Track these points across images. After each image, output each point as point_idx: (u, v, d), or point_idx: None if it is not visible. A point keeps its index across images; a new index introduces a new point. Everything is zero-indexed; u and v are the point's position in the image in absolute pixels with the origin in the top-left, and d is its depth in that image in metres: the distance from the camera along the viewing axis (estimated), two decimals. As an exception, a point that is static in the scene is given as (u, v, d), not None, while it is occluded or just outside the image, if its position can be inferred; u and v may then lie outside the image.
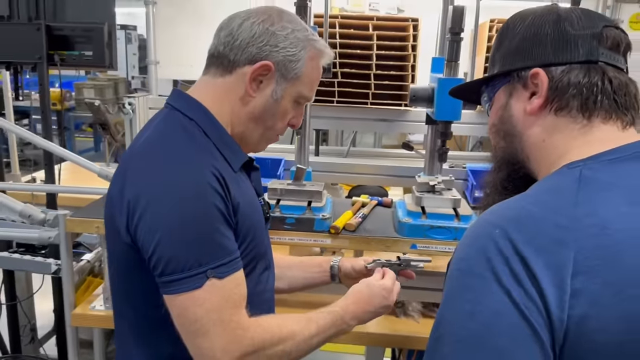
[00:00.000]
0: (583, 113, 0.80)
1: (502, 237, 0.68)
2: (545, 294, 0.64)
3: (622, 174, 0.72)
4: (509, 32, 0.88)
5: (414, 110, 1.94)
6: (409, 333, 1.69)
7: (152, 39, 2.30)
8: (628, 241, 0.65)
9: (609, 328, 0.63)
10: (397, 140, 6.09)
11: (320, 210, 1.65)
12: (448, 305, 0.72)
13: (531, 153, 0.86)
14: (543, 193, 0.75)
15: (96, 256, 2.01)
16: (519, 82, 0.86)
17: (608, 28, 0.81)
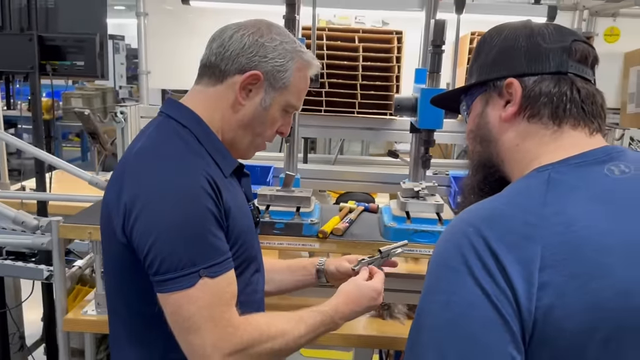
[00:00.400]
0: (554, 120, 0.85)
1: (475, 234, 0.73)
2: (515, 287, 0.69)
3: (586, 177, 0.78)
4: (486, 45, 0.94)
5: (398, 119, 2.01)
6: (396, 334, 1.75)
7: (143, 50, 2.35)
8: (591, 237, 0.71)
9: (574, 317, 0.68)
10: (384, 149, 6.18)
11: (309, 216, 1.70)
12: (426, 297, 0.77)
13: (505, 157, 0.91)
14: (514, 194, 0.80)
15: (87, 262, 2.04)
16: (494, 91, 0.91)
17: (577, 42, 0.87)
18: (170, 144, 1.06)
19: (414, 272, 1.93)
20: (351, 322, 1.76)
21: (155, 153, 1.04)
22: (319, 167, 2.15)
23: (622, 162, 0.80)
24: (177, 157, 1.03)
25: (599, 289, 0.68)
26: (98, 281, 1.81)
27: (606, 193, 0.76)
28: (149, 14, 2.33)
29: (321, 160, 2.45)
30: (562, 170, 0.79)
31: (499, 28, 0.95)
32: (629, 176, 0.77)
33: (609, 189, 0.76)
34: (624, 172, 0.78)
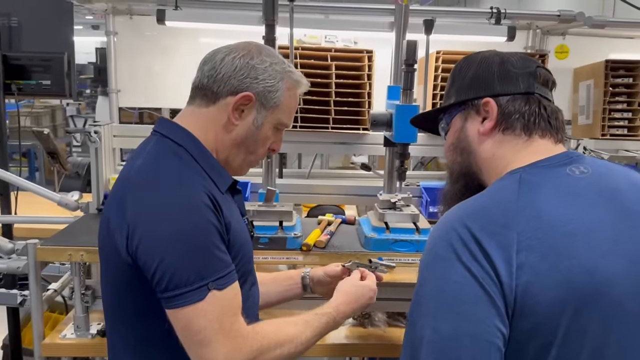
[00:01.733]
0: (525, 132, 0.99)
1: (461, 226, 0.86)
2: (497, 268, 0.81)
3: (551, 176, 0.92)
4: (462, 71, 1.08)
5: (371, 133, 2.08)
6: (377, 342, 1.81)
7: (112, 68, 2.34)
8: (558, 224, 0.84)
9: (548, 292, 0.81)
10: (342, 163, 6.30)
11: (292, 229, 1.75)
12: (422, 283, 0.89)
13: (483, 165, 1.04)
14: (492, 193, 0.94)
15: (63, 285, 2.00)
16: (472, 109, 1.05)
17: (540, 68, 1.03)
18: (169, 161, 1.08)
19: (393, 281, 2.01)
20: (335, 331, 1.83)
21: (155, 171, 1.06)
22: (295, 182, 2.20)
23: (581, 164, 0.95)
24: (177, 174, 1.06)
25: (567, 267, 0.82)
26: (77, 303, 1.79)
27: (568, 189, 0.90)
28: (118, 33, 2.32)
29: (295, 174, 2.50)
30: (531, 172, 0.93)
31: (472, 57, 1.09)
32: (587, 175, 0.92)
33: (570, 186, 0.90)
34: (584, 172, 0.93)
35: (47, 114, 7.03)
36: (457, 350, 0.81)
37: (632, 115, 2.29)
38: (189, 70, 2.35)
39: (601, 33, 2.43)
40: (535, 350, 0.82)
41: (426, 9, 2.18)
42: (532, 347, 0.82)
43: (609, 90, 2.27)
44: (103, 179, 2.12)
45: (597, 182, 0.92)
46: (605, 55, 2.42)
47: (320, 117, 2.05)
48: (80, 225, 1.97)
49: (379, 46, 2.09)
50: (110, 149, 2.15)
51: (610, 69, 2.26)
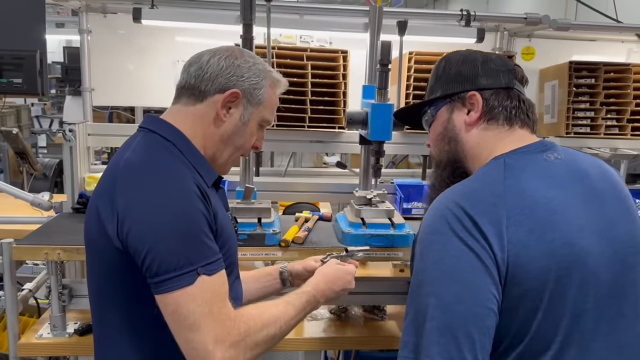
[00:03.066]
0: (507, 123, 1.12)
1: (455, 206, 0.96)
2: (491, 242, 0.92)
3: (530, 161, 1.04)
4: (446, 67, 1.20)
5: (347, 132, 2.13)
6: (355, 335, 1.86)
7: (86, 67, 2.32)
8: (540, 202, 0.96)
9: (535, 262, 0.92)
10: (313, 162, 6.35)
11: (270, 226, 1.78)
12: (422, 258, 0.97)
13: (468, 153, 1.15)
14: (481, 176, 1.05)
15: (38, 285, 1.98)
16: (458, 102, 1.16)
17: (517, 67, 1.17)
18: (158, 153, 1.11)
19: (369, 276, 2.06)
20: (312, 325, 1.88)
21: (145, 161, 1.08)
22: (272, 180, 2.22)
23: (555, 151, 1.08)
24: (167, 164, 1.09)
25: (551, 239, 0.94)
26: (54, 302, 1.78)
27: (546, 172, 1.02)
28: (92, 31, 2.31)
29: (271, 173, 2.52)
30: (514, 157, 1.05)
31: (456, 54, 1.21)
32: (561, 161, 1.05)
33: (548, 169, 1.03)
34: (557, 157, 1.06)
35: (12, 114, 6.84)
36: (460, 314, 0.90)
37: (595, 115, 2.40)
38: (164, 69, 2.39)
39: (565, 35, 2.53)
40: (525, 313, 0.93)
41: (399, 10, 2.23)
42: (521, 311, 0.93)
43: (573, 90, 2.36)
44: (78, 178, 2.10)
45: (569, 166, 1.05)
46: (569, 56, 2.52)
47: (297, 116, 2.08)
48: (55, 225, 1.96)
49: (354, 46, 2.14)
50: (85, 147, 2.14)
51: (573, 70, 2.36)
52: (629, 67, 2.39)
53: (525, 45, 2.59)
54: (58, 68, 8.15)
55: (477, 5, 8.18)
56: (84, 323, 1.81)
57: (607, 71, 2.39)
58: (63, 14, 6.31)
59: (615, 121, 2.41)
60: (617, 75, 2.41)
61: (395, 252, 1.78)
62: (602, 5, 3.41)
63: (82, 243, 1.55)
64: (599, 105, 2.39)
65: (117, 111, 4.77)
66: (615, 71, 2.41)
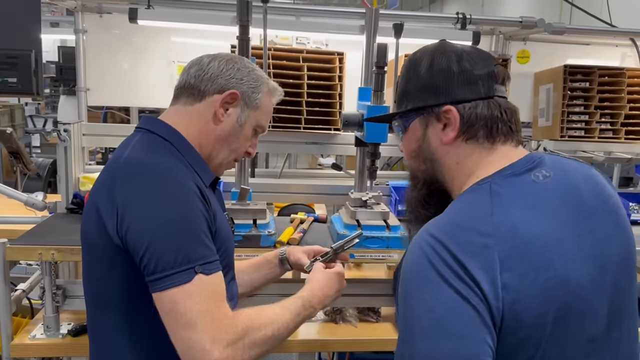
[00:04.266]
0: (488, 139, 0.99)
1: (441, 247, 0.85)
2: (484, 290, 0.82)
3: (517, 185, 0.94)
4: (415, 72, 1.02)
5: (342, 134, 2.13)
6: (349, 337, 1.86)
7: (81, 67, 2.31)
8: (532, 239, 0.87)
9: (531, 308, 0.84)
10: (308, 164, 6.35)
11: (266, 227, 1.78)
12: (409, 304, 0.87)
13: (447, 174, 1.03)
14: (466, 208, 0.93)
15: (31, 285, 1.97)
16: (432, 116, 1.01)
17: (497, 66, 1.01)
18: (157, 151, 1.12)
19: (363, 277, 2.07)
20: (307, 327, 1.88)
21: (145, 159, 1.09)
22: (267, 181, 2.22)
23: (543, 167, 0.96)
24: (167, 163, 1.09)
25: (545, 280, 0.85)
26: (48, 303, 1.77)
27: (535, 200, 0.92)
28: (87, 31, 2.30)
29: (267, 174, 2.52)
30: (499, 182, 0.94)
31: (425, 54, 1.03)
32: (550, 180, 0.95)
33: (536, 195, 0.92)
34: (546, 176, 0.95)
35: (6, 113, 6.82)
36: None
37: (589, 118, 2.41)
38: (159, 70, 2.38)
39: (560, 39, 2.54)
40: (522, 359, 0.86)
41: (395, 13, 2.24)
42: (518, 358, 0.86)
43: (568, 93, 2.38)
44: (72, 178, 2.09)
45: (559, 185, 0.95)
46: (564, 60, 2.53)
47: (292, 117, 2.08)
48: (49, 225, 1.95)
49: (350, 48, 2.14)
50: (80, 147, 2.13)
51: (568, 74, 2.37)
52: (623, 71, 2.40)
53: (520, 49, 2.60)
54: (52, 67, 8.12)
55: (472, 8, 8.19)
56: (77, 324, 1.80)
57: (602, 75, 2.40)
58: (57, 14, 6.29)
59: (609, 125, 2.43)
60: (612, 79, 2.43)
61: (390, 253, 1.78)
62: (596, 9, 3.44)
63: (76, 244, 1.55)
64: (593, 108, 2.40)
65: (111, 111, 4.75)
66: (610, 75, 2.42)
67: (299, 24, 2.16)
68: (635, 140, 2.41)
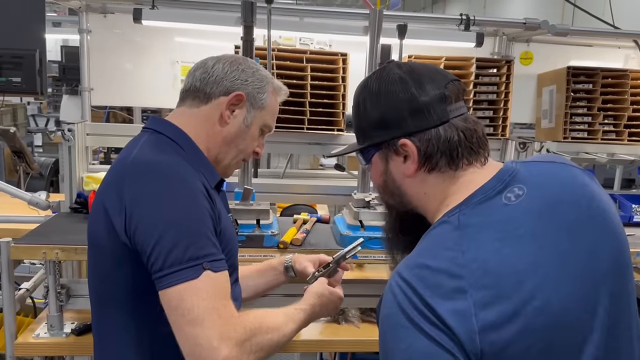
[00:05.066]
0: (450, 167, 0.95)
1: (411, 292, 0.82)
2: (458, 335, 0.79)
3: (487, 212, 0.89)
4: (366, 103, 0.99)
5: (345, 134, 2.13)
6: (352, 337, 1.86)
7: (85, 67, 2.31)
8: (504, 272, 0.82)
9: (512, 344, 0.80)
10: (310, 165, 6.36)
11: (269, 227, 1.78)
12: (388, 356, 0.85)
13: (418, 204, 1.00)
14: (435, 246, 0.89)
15: (35, 285, 1.98)
16: (390, 150, 0.97)
17: (449, 85, 0.95)
18: (165, 151, 1.12)
19: (366, 278, 2.07)
20: (309, 327, 1.87)
21: (153, 158, 1.09)
22: (270, 181, 2.23)
23: (515, 185, 0.91)
24: (174, 162, 1.10)
25: (525, 314, 0.81)
26: (52, 302, 1.77)
27: (506, 226, 0.87)
28: (92, 31, 2.30)
29: (270, 174, 2.53)
30: (467, 212, 0.89)
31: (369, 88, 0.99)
32: (523, 199, 0.89)
33: (508, 221, 0.87)
34: (519, 195, 0.90)
35: (8, 112, 6.82)
36: None
37: (592, 120, 2.41)
38: (163, 70, 2.39)
39: (563, 41, 2.54)
40: None
41: (399, 14, 2.24)
42: None
43: (571, 95, 2.38)
44: (76, 177, 2.10)
45: (534, 203, 0.89)
46: (567, 62, 2.53)
47: (296, 118, 2.08)
48: (52, 224, 1.96)
49: (353, 49, 2.15)
50: (84, 147, 2.14)
51: (571, 75, 2.37)
52: (626, 73, 2.40)
53: (523, 50, 2.60)
54: (54, 67, 8.13)
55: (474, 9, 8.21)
56: (81, 323, 1.81)
57: (605, 77, 2.40)
58: (60, 13, 6.30)
59: (612, 126, 2.43)
60: (615, 81, 2.43)
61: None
62: (598, 11, 3.44)
63: (80, 243, 1.56)
64: (596, 110, 2.40)
65: (114, 111, 4.76)
66: (613, 77, 2.42)
67: (302, 25, 2.17)
68: (638, 142, 2.41)
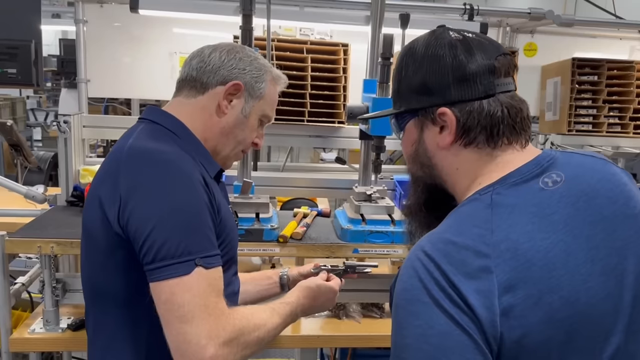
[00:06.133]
0: (488, 143, 0.89)
1: (435, 269, 0.78)
2: (479, 316, 0.74)
3: (523, 194, 0.84)
4: (407, 71, 0.93)
5: (346, 127, 2.10)
6: (352, 333, 1.84)
7: (82, 58, 2.28)
8: (536, 256, 0.78)
9: (534, 333, 0.76)
10: (310, 159, 6.33)
11: (268, 221, 1.75)
12: (401, 332, 0.80)
13: (447, 179, 0.94)
14: (464, 222, 0.84)
15: (30, 279, 1.95)
16: (427, 118, 0.92)
17: (500, 58, 0.89)
18: (161, 140, 1.09)
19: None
20: (310, 323, 1.85)
21: (150, 147, 1.06)
22: (270, 175, 2.19)
23: (553, 171, 0.86)
24: (172, 152, 1.06)
25: (549, 302, 0.77)
26: (47, 297, 1.74)
27: (542, 210, 0.82)
28: (88, 21, 2.26)
29: (269, 167, 2.49)
30: (502, 192, 0.84)
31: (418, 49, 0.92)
32: (560, 186, 0.85)
33: (544, 206, 0.83)
34: (556, 182, 0.85)
35: (7, 106, 6.79)
36: None
37: (597, 112, 2.37)
38: (161, 61, 2.35)
39: (567, 32, 2.50)
40: None
41: (401, 3, 2.19)
42: None
43: (575, 87, 2.34)
44: (72, 170, 2.07)
45: (571, 191, 0.85)
46: (571, 53, 2.49)
47: (296, 110, 2.05)
48: (49, 218, 1.92)
49: (354, 40, 2.11)
50: (80, 139, 2.10)
51: (576, 67, 2.33)
52: (632, 65, 2.37)
53: (527, 42, 2.56)
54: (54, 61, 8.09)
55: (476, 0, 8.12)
56: (77, 318, 1.78)
57: (610, 68, 2.37)
58: (59, 5, 6.25)
59: (617, 119, 2.39)
60: (620, 73, 2.39)
61: (394, 248, 1.76)
62: (601, 1, 3.39)
63: (76, 237, 1.52)
64: (601, 102, 2.36)
65: (113, 104, 4.71)
66: (618, 68, 2.39)
67: (302, 14, 2.13)
68: (643, 135, 2.38)
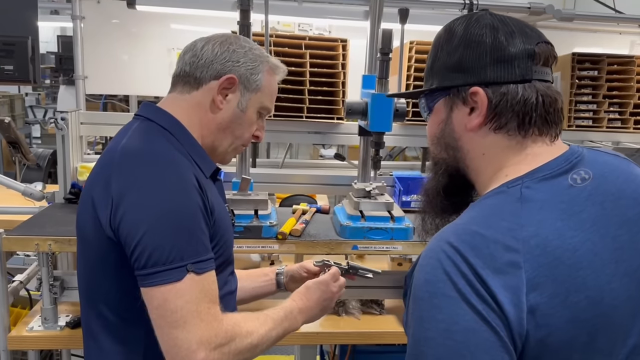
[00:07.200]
0: (519, 131, 0.86)
1: (462, 261, 0.75)
2: (506, 312, 0.73)
3: (552, 190, 0.82)
4: (447, 44, 0.90)
5: (345, 123, 2.09)
6: (352, 330, 1.83)
7: (79, 54, 2.26)
8: (564, 255, 0.77)
9: (558, 332, 0.75)
10: (310, 156, 6.31)
11: (267, 218, 1.74)
12: (423, 325, 0.77)
13: (471, 164, 0.92)
14: (491, 215, 0.81)
15: (29, 277, 1.94)
16: (458, 98, 0.89)
17: (540, 45, 0.86)
18: (155, 140, 1.07)
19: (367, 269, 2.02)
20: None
21: (143, 148, 1.04)
22: (269, 171, 2.18)
23: (582, 168, 0.85)
24: (165, 153, 1.05)
25: (575, 302, 0.76)
26: (45, 295, 1.74)
27: (571, 207, 0.81)
28: (85, 18, 2.25)
29: (268, 164, 2.48)
30: (531, 186, 0.82)
31: (458, 23, 0.91)
32: (589, 183, 0.83)
33: (573, 203, 0.81)
34: (585, 179, 0.83)
35: (6, 103, 6.78)
36: None
37: (597, 107, 2.36)
38: (159, 57, 2.33)
39: (567, 26, 2.49)
40: None
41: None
42: None
43: (576, 82, 2.33)
44: (70, 167, 2.05)
45: (599, 189, 0.84)
46: (571, 48, 2.47)
47: (294, 106, 2.04)
48: (46, 215, 1.92)
49: (353, 35, 2.09)
50: (77, 136, 2.09)
51: (576, 62, 2.32)
52: (632, 60, 2.35)
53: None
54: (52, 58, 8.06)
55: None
56: (75, 316, 1.77)
57: (610, 63, 2.35)
58: (58, 1, 6.22)
59: (617, 114, 2.38)
60: (620, 68, 2.37)
61: (394, 245, 1.75)
62: (600, -4, 3.36)
63: (74, 234, 1.51)
64: (601, 97, 2.35)
65: (111, 101, 4.70)
66: (619, 63, 2.37)
67: (301, 9, 2.11)
68: (644, 130, 2.37)
